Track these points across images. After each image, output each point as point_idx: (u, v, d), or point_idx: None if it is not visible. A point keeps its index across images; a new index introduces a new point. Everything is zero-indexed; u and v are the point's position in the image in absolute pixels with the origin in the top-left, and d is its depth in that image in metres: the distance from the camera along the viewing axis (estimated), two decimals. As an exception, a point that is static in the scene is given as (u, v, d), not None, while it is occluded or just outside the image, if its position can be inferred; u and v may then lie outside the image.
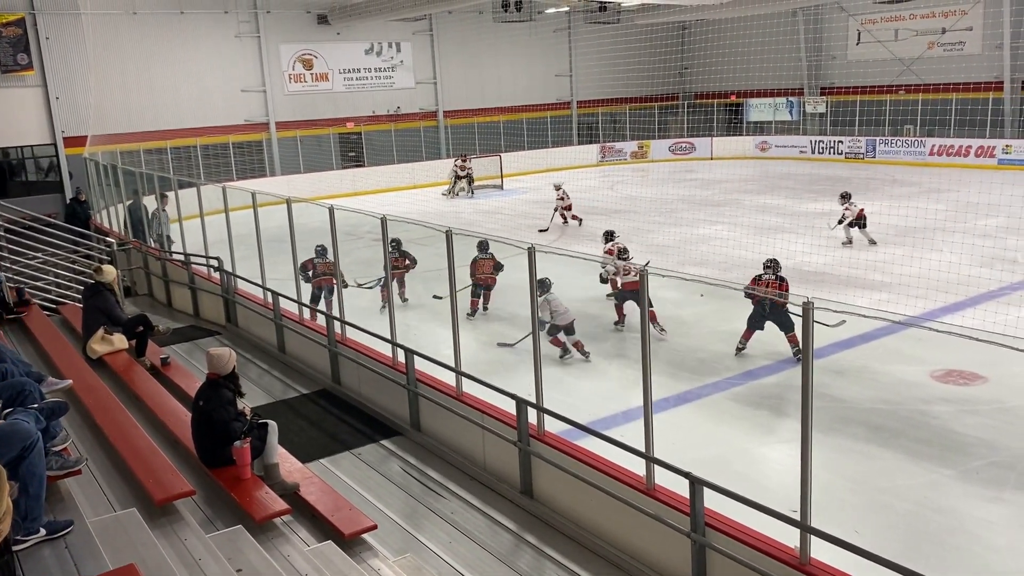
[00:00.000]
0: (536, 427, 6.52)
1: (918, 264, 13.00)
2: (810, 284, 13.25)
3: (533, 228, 19.77)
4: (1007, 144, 26.93)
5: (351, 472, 7.26)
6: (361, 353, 8.73)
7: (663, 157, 34.11)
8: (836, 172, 27.93)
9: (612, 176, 30.13)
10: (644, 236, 17.95)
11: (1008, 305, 11.57)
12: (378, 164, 29.72)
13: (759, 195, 23.49)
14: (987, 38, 28.52)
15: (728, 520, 5.14)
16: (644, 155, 34.41)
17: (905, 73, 30.73)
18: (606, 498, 5.75)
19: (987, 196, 18.86)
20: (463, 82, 32.92)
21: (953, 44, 29.60)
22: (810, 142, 32.32)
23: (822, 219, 18.63)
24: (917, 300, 11.84)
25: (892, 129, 30.53)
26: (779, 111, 34.58)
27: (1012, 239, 15.65)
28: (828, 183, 25.37)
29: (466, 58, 32.80)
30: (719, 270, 14.68)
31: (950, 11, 29.19)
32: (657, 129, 35.63)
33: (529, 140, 33.43)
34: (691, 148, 34.40)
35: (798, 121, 34.10)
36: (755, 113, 35.32)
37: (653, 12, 30.13)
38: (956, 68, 29.01)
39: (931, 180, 24.59)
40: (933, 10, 29.61)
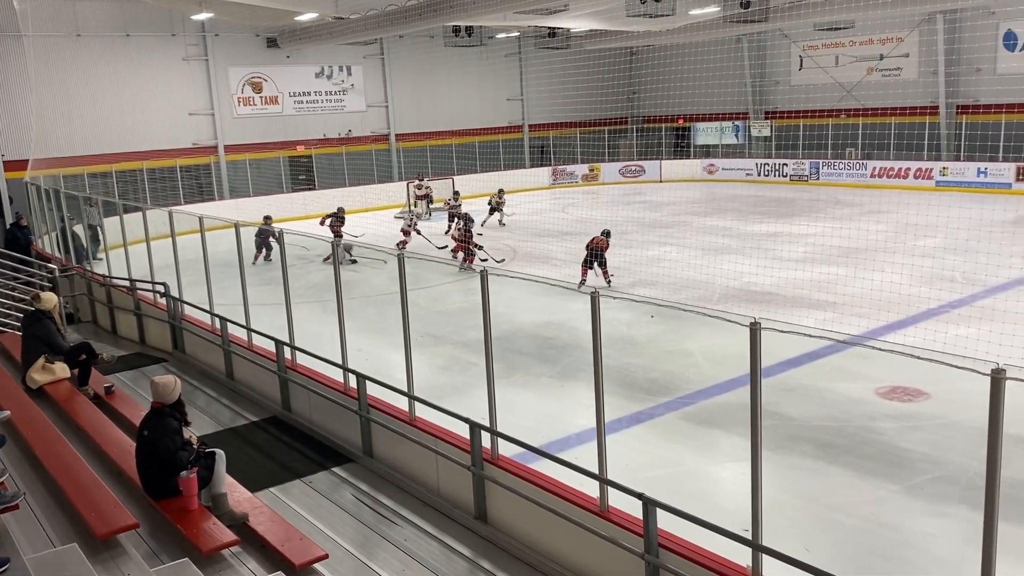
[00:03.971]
0: (490, 451, 6.49)
1: (861, 284, 13.32)
2: (758, 304, 13.47)
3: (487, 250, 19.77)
4: (944, 166, 27.85)
5: (302, 501, 7.14)
6: (312, 379, 8.62)
7: (614, 180, 34.53)
8: (781, 194, 28.56)
9: (564, 198, 30.37)
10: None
11: (947, 323, 11.92)
12: (329, 187, 29.51)
13: (707, 217, 23.88)
14: (923, 64, 29.54)
15: (681, 540, 5.16)
16: (595, 178, 34.78)
17: (846, 98, 31.63)
18: (561, 521, 5.74)
19: (926, 217, 19.45)
20: (415, 105, 32.96)
21: (891, 70, 30.58)
22: (756, 165, 33.03)
23: (769, 240, 19.01)
24: (861, 319, 12.11)
25: (835, 152, 31.34)
26: (726, 135, 35.28)
27: (950, 258, 16.13)
28: (774, 205, 25.94)
29: (418, 82, 32.86)
30: (669, 291, 14.85)
31: (887, 38, 30.19)
32: (608, 152, 36.11)
33: (481, 163, 33.57)
34: (641, 171, 34.87)
35: (744, 144, 34.83)
36: (702, 136, 35.98)
37: (602, 38, 30.62)
38: (894, 93, 30.01)
39: (873, 201, 25.28)
40: (871, 37, 30.58)
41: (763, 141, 34.32)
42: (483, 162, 33.64)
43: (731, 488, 7.46)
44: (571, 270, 17.09)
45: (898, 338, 11.24)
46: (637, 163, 35.28)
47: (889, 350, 4.58)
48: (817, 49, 32.42)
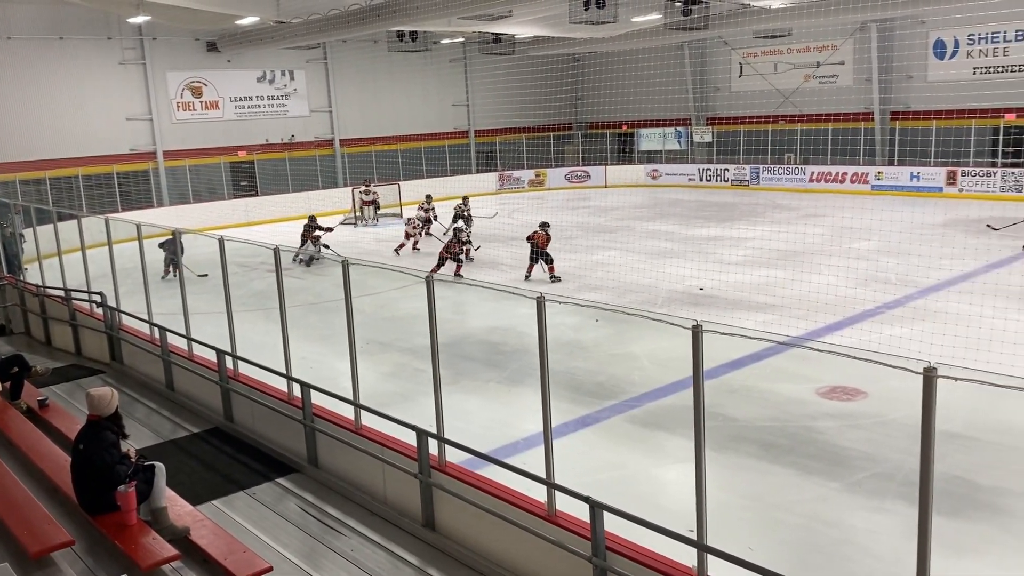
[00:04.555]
0: (437, 458, 6.45)
1: (800, 286, 13.62)
2: (701, 307, 13.68)
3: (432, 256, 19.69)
4: (879, 171, 28.68)
5: (245, 513, 7.00)
6: (255, 389, 8.47)
7: (560, 185, 34.74)
8: (723, 199, 29.06)
9: (511, 204, 30.42)
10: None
11: (882, 324, 12.26)
12: (272, 193, 29.12)
13: (651, 221, 24.18)
14: (857, 71, 30.38)
15: (628, 543, 5.20)
16: (541, 183, 34.95)
17: (784, 104, 32.35)
18: (508, 526, 5.74)
19: (861, 220, 20.02)
20: (359, 110, 32.72)
21: (827, 77, 31.39)
22: (698, 170, 33.56)
23: (711, 244, 19.32)
24: (800, 320, 12.40)
25: (774, 157, 32.04)
26: (668, 140, 35.79)
27: (885, 260, 16.60)
28: (716, 209, 26.38)
29: (362, 86, 32.64)
30: (614, 295, 14.99)
31: (823, 46, 30.98)
32: (554, 157, 36.34)
33: (428, 168, 33.47)
34: (586, 176, 35.16)
35: (686, 150, 35.37)
36: (646, 142, 36.43)
37: (546, 44, 30.82)
38: (830, 99, 30.80)
39: (811, 205, 25.90)
40: (808, 45, 31.34)
41: (705, 147, 34.90)
42: (429, 167, 33.55)
43: (677, 489, 7.54)
44: (519, 274, 17.14)
45: (836, 339, 11.53)
46: (583, 168, 35.57)
47: (826, 351, 4.69)
48: (756, 56, 33.11)
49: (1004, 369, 8.84)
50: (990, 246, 17.64)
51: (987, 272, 15.25)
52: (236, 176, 29.90)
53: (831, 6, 22.23)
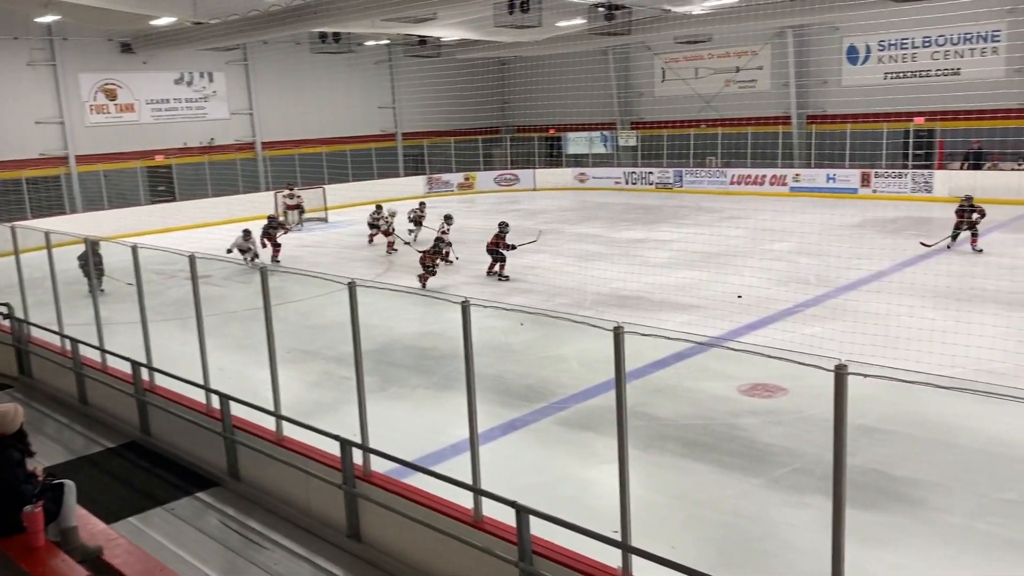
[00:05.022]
0: (362, 467, 6.35)
1: (722, 286, 13.89)
2: (627, 308, 13.84)
3: (360, 261, 19.46)
4: (796, 173, 29.55)
5: (163, 529, 6.78)
6: (172, 401, 8.20)
7: (489, 188, 34.77)
8: (648, 201, 29.52)
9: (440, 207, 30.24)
10: (471, 266, 18.12)
11: (800, 323, 12.60)
12: (191, 198, 28.34)
13: (578, 224, 24.38)
14: (775, 76, 31.27)
15: (555, 546, 5.20)
16: (471, 186, 34.92)
17: (706, 108, 33.07)
18: (435, 534, 5.68)
19: (780, 221, 20.58)
20: (282, 113, 32.12)
21: (746, 82, 32.21)
22: (624, 173, 34.02)
23: (636, 246, 19.59)
24: (722, 320, 12.66)
25: (697, 160, 32.70)
26: (595, 144, 36.19)
27: (803, 261, 17.08)
28: (641, 212, 26.78)
29: (284, 89, 32.06)
30: (543, 297, 15.05)
31: (742, 51, 31.78)
32: (482, 161, 36.36)
33: (354, 172, 33.07)
34: (515, 179, 35.27)
35: (613, 154, 35.82)
36: (573, 146, 36.76)
37: (472, 47, 30.83)
38: (750, 104, 31.65)
39: (732, 207, 26.51)
40: (728, 50, 32.11)
41: (630, 150, 35.41)
42: (355, 171, 33.15)
43: (605, 490, 7.56)
44: (448, 279, 17.07)
45: (755, 337, 11.80)
46: (512, 172, 35.68)
47: (742, 350, 4.78)
48: (678, 62, 33.76)
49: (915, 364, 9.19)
50: (902, 246, 18.35)
51: (898, 271, 15.85)
52: (153, 181, 29.01)
53: (749, 12, 22.85)
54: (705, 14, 23.51)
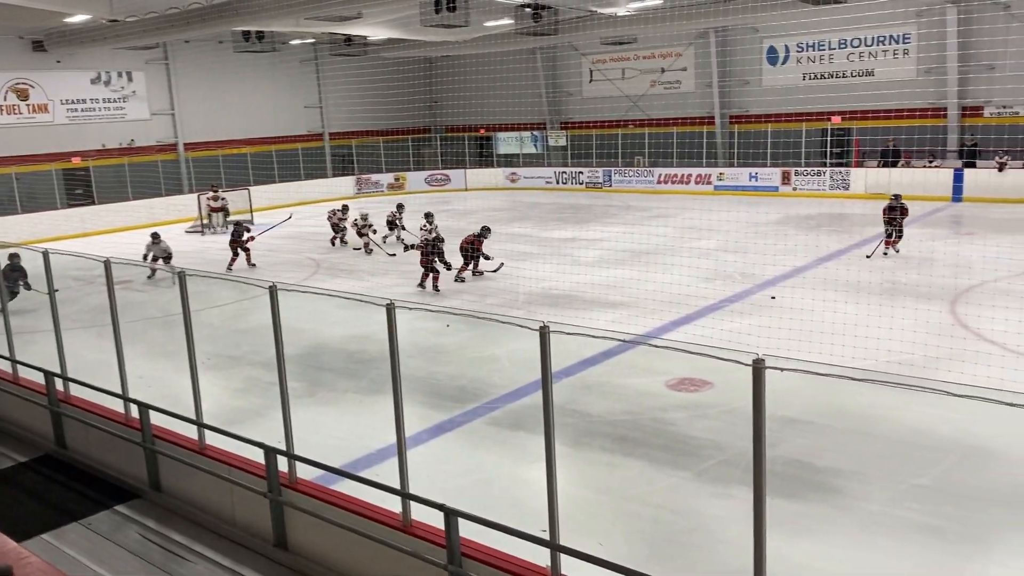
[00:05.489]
0: (288, 475, 6.23)
1: (650, 284, 14.08)
2: (558, 307, 13.93)
3: (286, 264, 19.11)
4: (720, 172, 30.20)
5: (80, 545, 6.52)
6: (89, 411, 7.90)
7: (420, 188, 34.55)
8: (578, 201, 29.78)
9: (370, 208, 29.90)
10: (402, 267, 17.98)
11: (724, 318, 12.86)
12: (111, 201, 27.41)
13: (510, 224, 24.41)
14: (699, 77, 31.90)
15: (485, 548, 5.18)
16: (401, 187, 34.64)
17: (633, 109, 33.53)
18: (363, 540, 5.60)
19: (706, 219, 21.00)
20: (205, 113, 31.34)
21: (671, 83, 32.78)
22: (554, 173, 34.24)
23: (567, 245, 19.73)
24: (650, 316, 12.85)
25: (625, 160, 33.13)
26: (525, 144, 36.31)
27: (727, 257, 17.46)
28: (572, 211, 27.00)
29: (207, 88, 31.28)
30: (476, 297, 15.04)
31: (667, 52, 32.33)
32: (412, 161, 36.11)
33: (280, 173, 32.45)
34: (446, 179, 35.14)
35: (543, 153, 36.01)
36: (503, 146, 36.83)
37: (399, 46, 30.58)
38: (675, 104, 32.23)
39: (659, 206, 26.94)
40: (653, 51, 32.63)
41: (560, 150, 35.66)
42: (282, 172, 32.54)
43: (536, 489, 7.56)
44: (380, 280, 16.91)
45: (682, 333, 12.01)
46: (443, 172, 35.52)
47: (664, 347, 4.84)
48: (605, 63, 34.14)
49: (834, 357, 9.49)
50: (821, 242, 18.92)
51: (818, 266, 16.34)
52: (70, 184, 27.96)
53: (672, 13, 23.24)
54: (630, 15, 23.82)
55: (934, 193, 25.02)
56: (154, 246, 18.25)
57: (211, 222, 25.76)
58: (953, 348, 10.62)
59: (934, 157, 26.37)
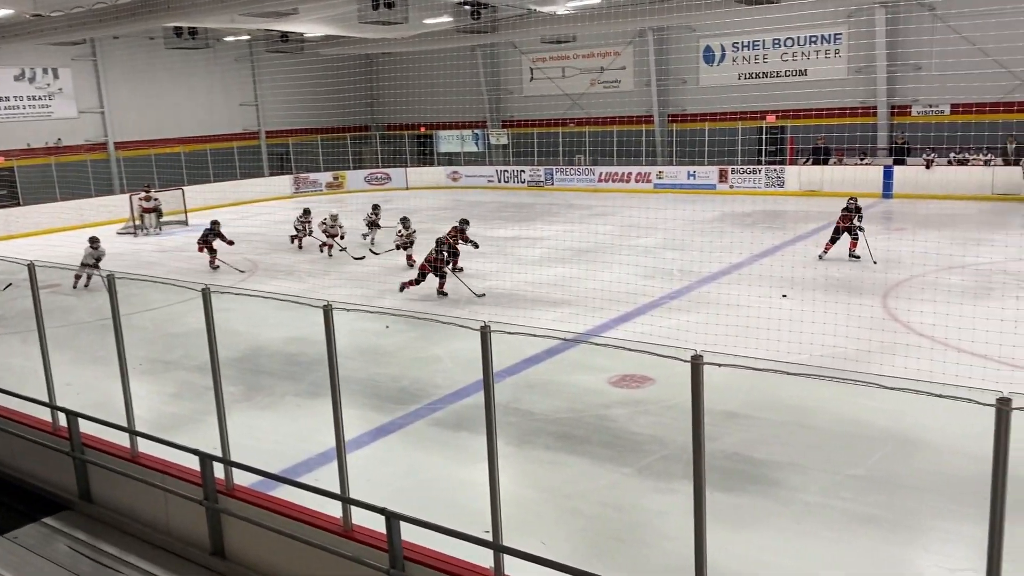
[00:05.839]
0: (225, 482, 6.07)
1: (592, 281, 14.17)
2: (501, 306, 13.91)
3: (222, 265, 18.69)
4: (660, 170, 30.58)
5: (6, 560, 6.27)
6: (12, 420, 7.59)
7: (360, 188, 34.18)
8: (521, 199, 29.83)
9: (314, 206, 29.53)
10: (341, 267, 17.76)
11: (665, 315, 13.02)
12: (37, 202, 26.47)
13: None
14: (638, 76, 32.25)
15: (428, 551, 5.12)
16: (340, 186, 34.24)
17: (573, 107, 33.73)
18: (303, 547, 5.49)
19: (646, 217, 21.23)
20: (136, 111, 30.51)
21: (611, 82, 33.06)
22: (496, 172, 34.23)
23: (510, 244, 19.73)
24: (593, 314, 12.93)
25: (566, 159, 33.31)
26: (466, 143, 36.25)
27: (668, 254, 17.67)
28: (514, 210, 27.02)
29: (138, 86, 30.45)
30: (419, 297, 14.91)
31: (606, 52, 32.60)
32: (352, 160, 35.72)
33: (215, 172, 31.76)
34: (387, 178, 34.85)
35: (484, 152, 35.99)
36: (445, 144, 36.70)
37: (337, 43, 30.20)
38: (614, 103, 32.53)
39: (601, 204, 27.15)
40: (592, 51, 32.87)
41: (502, 149, 35.68)
42: (217, 171, 31.84)
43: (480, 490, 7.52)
44: (318, 281, 16.66)
45: (624, 330, 12.12)
46: (383, 171, 35.21)
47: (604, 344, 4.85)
48: (545, 61, 34.27)
49: (771, 352, 9.67)
50: (758, 239, 19.28)
51: (754, 262, 16.65)
52: (-8, 185, 26.95)
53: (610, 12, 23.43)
54: (569, 14, 23.94)
55: (865, 190, 25.70)
56: (93, 252, 17.37)
57: (143, 223, 25.06)
58: (884, 341, 10.94)
59: (865, 155, 27.13)
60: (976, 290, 13.52)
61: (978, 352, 10.12)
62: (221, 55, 31.82)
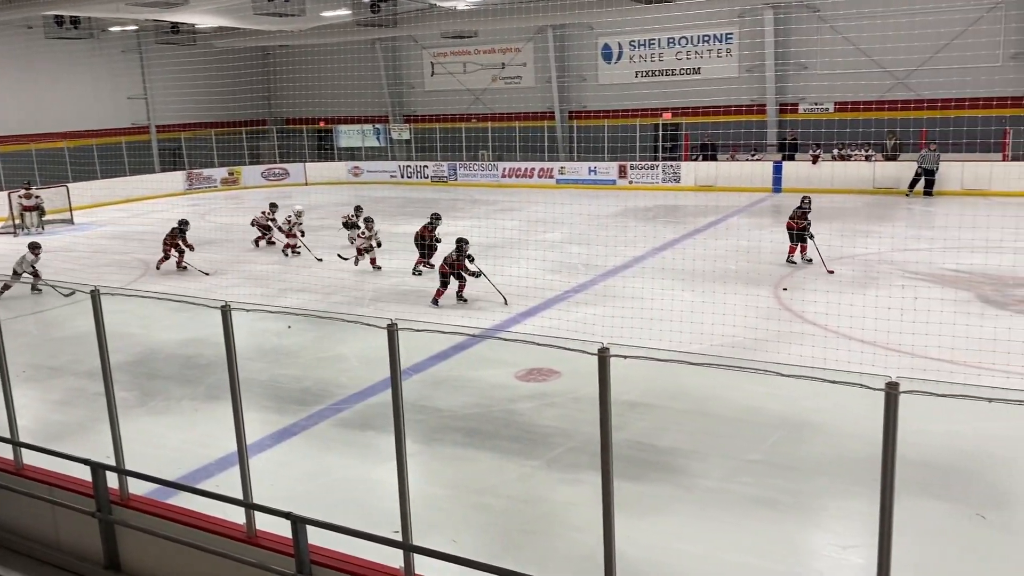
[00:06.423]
0: (119, 492, 5.80)
1: (500, 276, 14.21)
2: (407, 303, 13.81)
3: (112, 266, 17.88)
4: (562, 166, 30.94)
5: None
6: None
7: (256, 184, 33.25)
8: (425, 195, 29.64)
9: (203, 205, 28.58)
10: (242, 266, 17.26)
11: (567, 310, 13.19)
12: (-98, 201, 24.69)
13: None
14: (539, 72, 32.52)
15: (336, 553, 5.04)
16: (236, 182, 33.24)
17: (476, 103, 33.73)
18: (205, 555, 5.30)
19: (550, 212, 21.44)
20: (15, 104, 28.78)
21: (512, 78, 33.22)
22: (399, 167, 33.90)
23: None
24: (501, 309, 12.97)
25: (469, 154, 33.28)
26: (368, 137, 35.75)
27: (572, 249, 17.90)
28: (419, 206, 26.79)
29: (16, 77, 28.72)
30: (321, 295, 14.63)
31: (507, 48, 32.73)
32: (248, 155, 34.70)
33: (102, 168, 30.28)
34: (285, 174, 34.02)
35: (386, 147, 35.58)
36: (345, 139, 36.10)
37: (232, 35, 29.30)
38: (517, 99, 32.69)
39: (505, 200, 27.27)
40: (493, 46, 32.94)
41: (404, 144, 35.35)
42: (104, 167, 30.36)
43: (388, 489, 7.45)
44: (216, 280, 16.14)
45: (530, 324, 12.21)
46: (280, 166, 34.36)
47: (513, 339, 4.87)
48: (447, 56, 34.14)
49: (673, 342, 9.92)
50: (658, 233, 19.76)
51: (654, 256, 17.06)
52: None
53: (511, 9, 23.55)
54: (470, 9, 23.93)
55: (756, 185, 26.75)
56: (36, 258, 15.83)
57: (24, 222, 23.69)
58: (780, 331, 11.40)
59: (756, 151, 28.15)
60: (862, 280, 14.22)
61: (866, 339, 10.65)
62: (107, 46, 30.38)
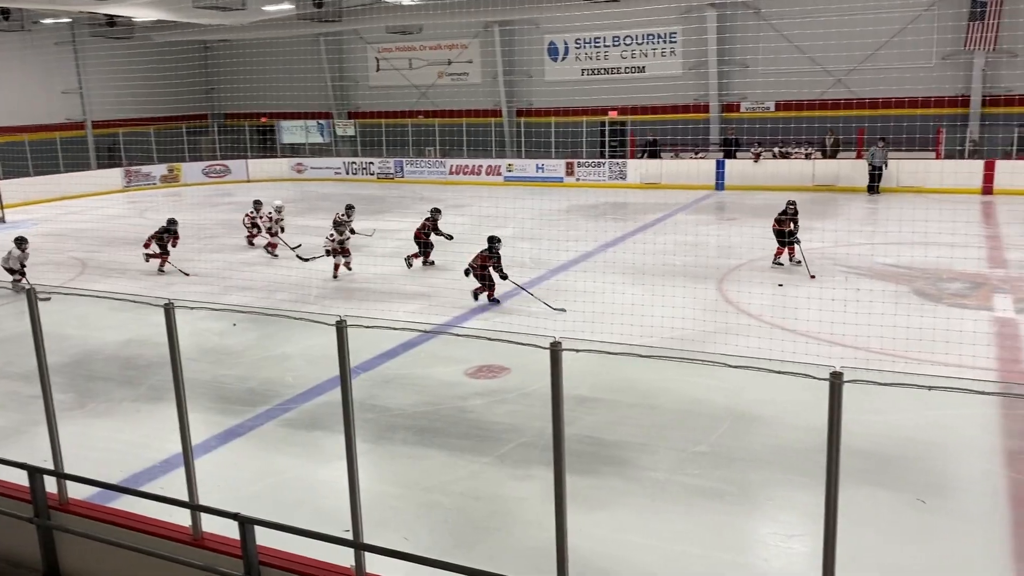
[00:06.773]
0: (58, 496, 5.63)
1: (449, 273, 14.18)
2: (355, 300, 13.68)
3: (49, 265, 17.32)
4: (510, 163, 30.97)
5: None
6: None
7: (197, 180, 32.58)
8: (371, 192, 29.37)
9: (141, 202, 27.90)
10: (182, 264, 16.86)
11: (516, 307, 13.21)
12: None
13: (299, 216, 23.61)
14: (485, 69, 32.49)
15: (285, 554, 4.96)
16: (176, 179, 32.50)
17: (422, 99, 33.55)
18: (150, 559, 5.18)
19: (498, 209, 21.46)
20: (-59, 99, 27.74)
21: (458, 74, 33.13)
22: (344, 164, 33.53)
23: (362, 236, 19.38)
24: (450, 306, 12.93)
25: (416, 151, 33.11)
26: (311, 133, 35.27)
27: (521, 245, 17.92)
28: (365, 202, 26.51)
29: (-58, 70, 27.69)
30: (264, 294, 14.39)
31: (453, 44, 32.63)
32: (188, 151, 33.94)
33: (35, 165, 29.31)
34: (226, 171, 33.39)
35: (331, 143, 35.17)
36: (288, 135, 35.57)
37: (171, 29, 28.64)
38: (463, 96, 32.63)
39: (453, 196, 27.16)
40: (439, 43, 32.80)
41: (349, 140, 34.97)
42: (37, 164, 29.39)
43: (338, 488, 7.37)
44: (157, 280, 15.78)
45: (480, 321, 12.20)
46: (221, 163, 33.70)
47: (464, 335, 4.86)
48: (392, 52, 33.89)
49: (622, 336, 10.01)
50: (605, 228, 19.93)
51: (602, 252, 17.20)
52: None
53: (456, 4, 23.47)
54: (415, 5, 23.79)
55: (699, 182, 27.15)
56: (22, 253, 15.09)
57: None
58: (725, 323, 11.58)
59: (699, 149, 28.57)
60: (803, 274, 14.54)
61: (809, 332, 10.90)
62: (39, 39, 29.40)
